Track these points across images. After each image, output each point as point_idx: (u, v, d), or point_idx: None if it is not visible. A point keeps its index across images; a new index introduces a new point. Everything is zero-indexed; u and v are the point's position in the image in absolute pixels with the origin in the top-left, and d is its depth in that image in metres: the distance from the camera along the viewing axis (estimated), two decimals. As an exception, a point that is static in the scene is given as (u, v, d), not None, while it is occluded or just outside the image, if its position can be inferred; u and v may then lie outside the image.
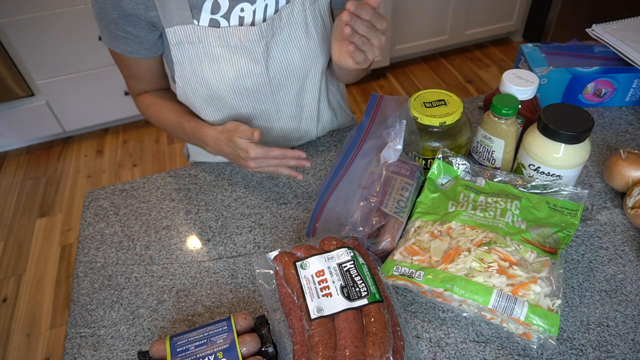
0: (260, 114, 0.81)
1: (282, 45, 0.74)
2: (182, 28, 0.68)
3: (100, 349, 0.61)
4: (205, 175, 0.86)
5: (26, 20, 1.84)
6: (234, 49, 0.71)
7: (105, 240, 0.75)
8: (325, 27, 0.77)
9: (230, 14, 0.69)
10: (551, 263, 0.57)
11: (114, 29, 0.70)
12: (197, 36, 0.69)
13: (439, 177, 0.71)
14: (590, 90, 0.88)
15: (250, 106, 0.79)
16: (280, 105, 0.81)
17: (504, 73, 0.71)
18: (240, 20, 0.70)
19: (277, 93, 0.79)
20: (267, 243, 0.72)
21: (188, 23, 0.68)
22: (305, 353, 0.52)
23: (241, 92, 0.76)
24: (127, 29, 0.69)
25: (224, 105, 0.78)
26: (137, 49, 0.73)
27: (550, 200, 0.65)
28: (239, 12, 0.69)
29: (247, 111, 0.80)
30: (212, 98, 0.76)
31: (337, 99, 0.95)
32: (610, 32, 0.89)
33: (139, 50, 0.73)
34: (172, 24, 0.68)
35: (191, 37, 0.69)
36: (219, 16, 0.69)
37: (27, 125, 2.17)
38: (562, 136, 0.63)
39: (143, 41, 0.72)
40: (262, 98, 0.78)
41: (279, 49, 0.74)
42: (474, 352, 0.57)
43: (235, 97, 0.76)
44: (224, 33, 0.69)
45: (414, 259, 0.60)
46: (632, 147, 0.82)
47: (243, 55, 0.72)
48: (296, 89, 0.80)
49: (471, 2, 2.46)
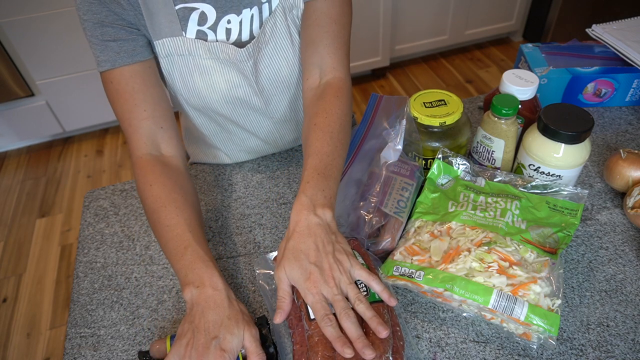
0: (254, 120, 0.80)
1: (268, 59, 0.71)
2: (170, 40, 0.67)
3: (100, 349, 0.61)
4: (205, 175, 0.85)
5: (26, 20, 1.84)
6: (224, 62, 0.70)
7: (105, 240, 0.75)
8: None
9: (217, 26, 0.68)
10: (551, 263, 0.57)
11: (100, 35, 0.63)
12: (187, 48, 0.68)
13: (439, 177, 0.71)
14: (590, 90, 0.88)
15: (243, 114, 0.78)
16: (274, 112, 0.80)
17: (504, 73, 0.71)
18: (227, 33, 0.69)
19: (269, 102, 0.77)
20: (267, 243, 0.72)
21: (177, 35, 0.66)
22: (305, 353, 0.52)
23: (234, 101, 0.75)
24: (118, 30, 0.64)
25: (217, 114, 0.77)
26: (133, 46, 0.66)
27: (550, 200, 0.65)
28: (226, 23, 0.68)
29: (241, 119, 0.79)
30: (204, 107, 0.75)
31: None
32: (610, 32, 0.89)
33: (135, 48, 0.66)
34: (161, 36, 0.66)
35: (181, 49, 0.68)
36: (206, 28, 0.68)
37: (27, 125, 2.17)
38: (562, 136, 0.63)
39: (137, 38, 0.67)
40: (255, 107, 0.77)
41: (265, 62, 0.71)
42: (474, 352, 0.57)
43: (228, 106, 0.75)
44: (213, 47, 0.68)
45: (414, 259, 0.60)
46: (632, 147, 0.82)
47: (232, 69, 0.70)
48: (288, 97, 0.79)
49: (471, 2, 2.46)
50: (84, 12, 0.62)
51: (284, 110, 0.80)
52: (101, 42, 0.64)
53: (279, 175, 0.84)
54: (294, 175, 0.83)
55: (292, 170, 0.84)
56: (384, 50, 2.43)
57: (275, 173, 0.84)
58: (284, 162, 0.87)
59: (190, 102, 0.74)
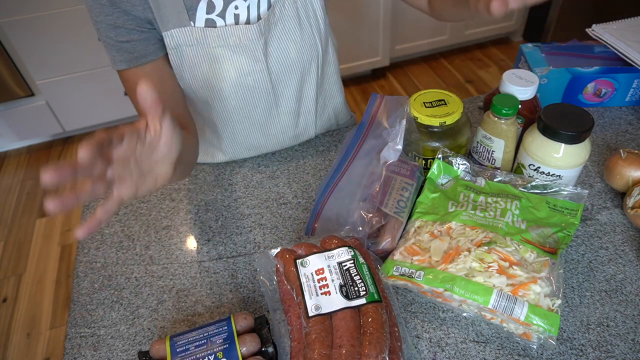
0: (260, 112, 0.81)
1: (277, 40, 0.74)
2: (179, 31, 0.67)
3: (100, 349, 0.61)
4: (205, 175, 0.86)
5: (26, 20, 1.84)
6: (234, 48, 0.71)
7: (105, 240, 0.75)
8: (318, 19, 0.77)
9: (225, 12, 0.69)
10: (551, 263, 0.57)
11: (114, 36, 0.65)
12: (196, 38, 0.68)
13: (439, 177, 0.71)
14: (590, 90, 0.88)
15: (251, 104, 0.79)
16: (279, 99, 0.81)
17: (504, 73, 0.71)
18: (236, 18, 0.70)
19: (276, 88, 0.79)
20: (267, 243, 0.72)
21: (185, 25, 0.67)
22: (302, 350, 0.52)
23: (243, 91, 0.76)
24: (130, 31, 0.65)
25: (223, 105, 0.78)
26: (145, 46, 0.67)
27: (550, 200, 0.65)
28: (234, 9, 0.69)
29: (247, 109, 0.80)
30: (212, 99, 0.76)
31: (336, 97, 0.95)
32: (610, 32, 0.89)
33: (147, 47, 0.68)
34: (169, 27, 0.67)
35: (189, 40, 0.68)
36: (215, 15, 0.68)
37: (27, 125, 2.17)
38: (562, 136, 0.63)
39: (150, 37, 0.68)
40: (263, 95, 0.78)
41: (274, 44, 0.74)
42: (474, 352, 0.57)
43: (237, 96, 0.76)
44: (223, 33, 0.69)
45: (414, 259, 0.60)
46: (632, 147, 0.82)
47: (243, 54, 0.72)
48: (295, 82, 0.80)
49: (471, 2, 2.45)
50: (97, 15, 0.64)
51: (289, 97, 0.82)
52: (116, 43, 0.66)
53: (279, 175, 0.84)
54: (294, 175, 0.83)
55: (292, 170, 0.84)
56: (384, 50, 2.43)
57: (275, 173, 0.84)
58: (284, 162, 0.87)
59: (198, 94, 0.75)
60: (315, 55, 0.80)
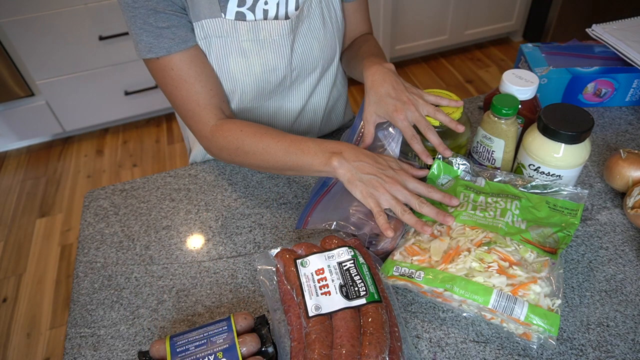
0: (271, 105, 0.83)
1: (303, 37, 0.75)
2: (210, 22, 0.68)
3: (100, 349, 0.61)
4: (205, 175, 0.86)
5: (26, 20, 1.84)
6: (262, 43, 0.71)
7: (105, 240, 0.75)
8: (338, 19, 0.80)
9: (255, 7, 0.70)
10: (551, 263, 0.57)
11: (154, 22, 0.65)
12: (226, 30, 0.69)
13: (439, 177, 0.71)
14: (590, 90, 0.88)
15: (267, 98, 0.80)
16: (292, 96, 0.83)
17: (504, 73, 0.71)
18: (265, 14, 0.71)
19: (295, 84, 0.81)
20: (267, 243, 0.72)
21: (217, 16, 0.68)
22: (302, 350, 0.52)
23: (264, 85, 0.77)
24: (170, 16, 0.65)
25: (242, 98, 0.78)
26: (185, 32, 0.67)
27: (550, 200, 0.65)
28: (263, 5, 0.70)
29: (262, 103, 0.81)
30: (232, 92, 0.77)
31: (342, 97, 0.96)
32: (610, 32, 0.89)
33: (187, 33, 0.68)
34: (200, 17, 0.67)
35: (219, 31, 0.69)
36: (245, 9, 0.69)
37: (27, 125, 2.17)
38: (562, 136, 0.63)
39: (187, 24, 0.68)
40: (283, 91, 0.80)
41: (300, 41, 0.75)
42: (474, 352, 0.57)
43: (257, 90, 0.77)
44: (254, 27, 0.70)
45: (413, 259, 0.60)
46: (632, 147, 0.82)
47: (270, 50, 0.72)
48: (313, 80, 0.82)
49: (471, 2, 2.46)
50: (135, 1, 0.63)
51: (301, 95, 0.83)
52: (155, 29, 0.65)
53: (279, 175, 0.84)
54: (293, 175, 0.83)
55: (292, 170, 0.84)
56: (383, 50, 2.43)
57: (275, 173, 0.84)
58: (284, 162, 0.87)
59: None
60: (334, 55, 0.82)
